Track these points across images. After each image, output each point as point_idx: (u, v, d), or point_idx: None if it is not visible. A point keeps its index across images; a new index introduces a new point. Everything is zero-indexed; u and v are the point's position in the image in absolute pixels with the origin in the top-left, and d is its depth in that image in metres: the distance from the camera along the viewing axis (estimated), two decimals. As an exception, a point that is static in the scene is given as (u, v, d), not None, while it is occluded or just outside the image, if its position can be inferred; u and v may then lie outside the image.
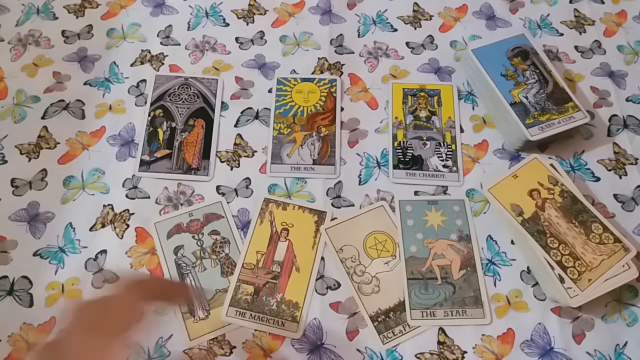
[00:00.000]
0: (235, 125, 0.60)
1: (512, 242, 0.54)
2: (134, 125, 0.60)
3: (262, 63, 0.64)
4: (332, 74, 0.64)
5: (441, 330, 0.50)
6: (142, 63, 0.64)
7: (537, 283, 0.52)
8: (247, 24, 0.67)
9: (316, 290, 0.52)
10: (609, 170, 0.58)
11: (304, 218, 0.55)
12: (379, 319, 0.50)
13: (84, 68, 0.63)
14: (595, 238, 0.50)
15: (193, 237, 0.54)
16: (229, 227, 0.55)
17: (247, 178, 0.57)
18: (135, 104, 0.61)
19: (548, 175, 0.54)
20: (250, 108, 0.61)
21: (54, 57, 0.64)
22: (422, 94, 0.62)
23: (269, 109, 0.61)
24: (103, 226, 0.54)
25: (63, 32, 0.66)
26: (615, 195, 0.57)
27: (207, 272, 0.53)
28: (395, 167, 0.58)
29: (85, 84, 0.62)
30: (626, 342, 0.50)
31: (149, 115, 0.60)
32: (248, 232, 0.54)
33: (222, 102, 0.62)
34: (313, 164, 0.58)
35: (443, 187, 0.57)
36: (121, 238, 0.54)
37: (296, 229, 0.55)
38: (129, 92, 0.62)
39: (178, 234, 0.54)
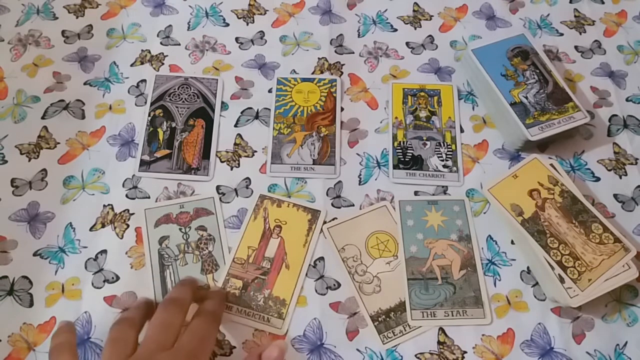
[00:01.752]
0: (235, 125, 0.60)
1: (512, 242, 0.54)
2: (134, 125, 0.60)
3: (262, 63, 0.64)
4: (332, 74, 0.64)
5: (441, 330, 0.50)
6: (142, 63, 0.64)
7: (537, 283, 0.52)
8: (247, 24, 0.67)
9: (316, 290, 0.52)
10: (609, 170, 0.58)
11: (298, 216, 0.55)
12: (380, 319, 0.50)
13: (84, 68, 0.63)
14: (595, 238, 0.50)
15: (180, 229, 0.54)
16: (217, 224, 0.54)
17: (247, 178, 0.57)
18: (135, 104, 0.61)
19: (548, 175, 0.54)
20: (250, 108, 0.61)
21: (54, 57, 0.64)
22: (422, 94, 0.62)
23: (269, 109, 0.61)
24: (103, 226, 0.54)
25: (63, 32, 0.66)
26: (615, 195, 0.57)
27: (187, 267, 0.52)
28: (395, 167, 0.58)
29: (85, 84, 0.62)
30: (626, 342, 0.50)
31: (149, 115, 0.60)
32: (241, 227, 0.54)
33: (222, 102, 0.62)
34: (313, 164, 0.58)
35: (443, 187, 0.57)
36: (121, 238, 0.54)
37: (289, 227, 0.54)
38: (129, 92, 0.62)
39: (166, 224, 0.54)
